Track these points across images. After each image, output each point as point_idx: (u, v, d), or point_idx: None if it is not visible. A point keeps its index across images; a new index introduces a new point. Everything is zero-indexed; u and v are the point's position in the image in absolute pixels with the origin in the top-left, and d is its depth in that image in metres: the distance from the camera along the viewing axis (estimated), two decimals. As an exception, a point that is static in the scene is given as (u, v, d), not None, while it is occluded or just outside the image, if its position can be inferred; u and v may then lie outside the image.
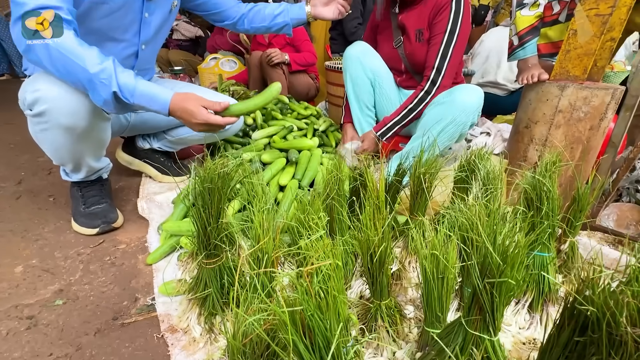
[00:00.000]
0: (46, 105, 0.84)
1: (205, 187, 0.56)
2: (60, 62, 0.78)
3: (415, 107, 1.26)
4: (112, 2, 0.92)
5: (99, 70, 0.79)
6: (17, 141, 1.93)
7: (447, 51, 1.18)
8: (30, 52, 0.78)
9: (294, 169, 1.08)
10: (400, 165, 0.88)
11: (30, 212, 1.21)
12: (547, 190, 0.69)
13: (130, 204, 1.29)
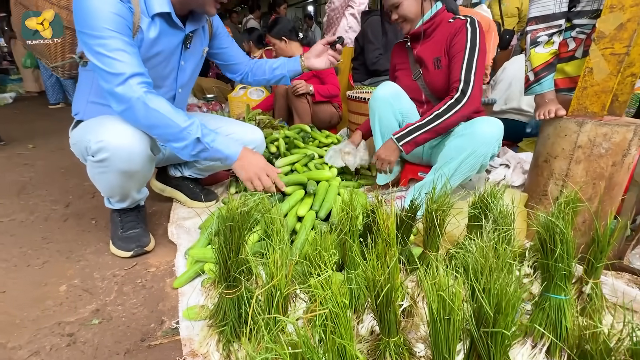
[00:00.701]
0: (108, 153, 0.96)
1: (227, 225, 0.63)
2: (154, 119, 0.94)
3: (442, 114, 1.21)
4: (157, 57, 1.06)
5: (189, 124, 0.97)
6: (67, 166, 2.15)
7: (472, 63, 1.19)
8: (128, 112, 0.94)
9: (312, 200, 1.13)
10: (413, 200, 0.91)
11: (75, 234, 1.34)
12: (560, 232, 0.69)
13: (162, 228, 1.39)
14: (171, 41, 1.08)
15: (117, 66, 0.90)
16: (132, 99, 0.91)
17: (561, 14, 1.05)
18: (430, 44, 1.35)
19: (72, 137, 1.15)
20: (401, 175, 1.74)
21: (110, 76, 0.90)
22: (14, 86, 5.79)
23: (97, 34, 0.89)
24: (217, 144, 1.02)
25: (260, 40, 3.69)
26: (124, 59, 0.91)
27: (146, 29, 0.99)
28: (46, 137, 2.91)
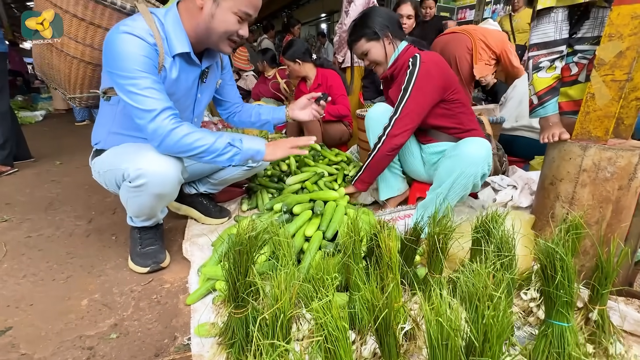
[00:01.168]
0: (146, 179, 1.04)
1: (236, 249, 0.67)
2: (185, 146, 1.04)
3: (371, 152, 1.40)
4: (178, 92, 1.16)
5: (216, 138, 1.07)
6: (90, 182, 2.26)
7: (399, 105, 1.34)
8: (163, 146, 1.04)
9: (320, 220, 1.17)
10: (416, 223, 0.93)
11: (97, 249, 1.42)
12: (560, 259, 0.70)
13: (177, 244, 1.45)
14: (189, 77, 1.17)
15: (148, 103, 0.99)
16: (163, 134, 1.01)
17: (562, 40, 1.07)
18: (397, 86, 1.46)
19: (95, 166, 1.23)
20: (409, 193, 1.76)
21: (143, 112, 1.00)
22: (45, 104, 6.17)
23: (128, 75, 0.98)
24: (246, 144, 1.13)
25: (274, 60, 3.83)
26: (154, 95, 1.00)
27: (169, 68, 1.08)
28: (72, 153, 3.09)
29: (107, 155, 1.19)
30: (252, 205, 1.79)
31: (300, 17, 12.30)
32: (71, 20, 1.10)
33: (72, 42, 1.13)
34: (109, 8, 1.11)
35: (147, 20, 1.02)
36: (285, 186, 1.85)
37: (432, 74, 1.29)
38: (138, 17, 1.03)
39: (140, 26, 1.00)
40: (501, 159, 1.55)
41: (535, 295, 0.93)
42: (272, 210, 1.27)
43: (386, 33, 1.38)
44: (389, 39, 1.39)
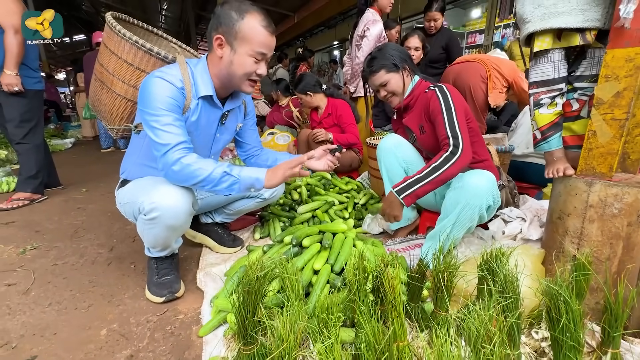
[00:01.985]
0: (159, 212, 1.11)
1: (245, 289, 0.71)
2: (187, 175, 1.11)
3: (439, 166, 1.24)
4: (198, 130, 1.26)
5: (215, 167, 1.12)
6: (113, 210, 2.38)
7: (453, 120, 1.29)
8: (168, 175, 1.13)
9: (328, 253, 1.20)
10: (421, 261, 0.95)
11: (116, 278, 1.49)
12: (565, 301, 0.70)
13: (191, 274, 1.50)
14: (210, 117, 1.28)
15: (165, 137, 1.10)
16: (169, 163, 1.11)
17: (561, 78, 1.10)
18: (414, 114, 1.51)
19: (119, 197, 1.33)
20: (419, 222, 1.77)
21: (159, 145, 1.11)
22: (74, 132, 6.58)
23: (153, 112, 1.10)
24: (245, 173, 1.15)
25: (287, 89, 4.00)
26: (172, 131, 1.11)
27: (193, 108, 1.21)
28: (98, 180, 3.27)
29: (129, 188, 1.28)
30: (265, 233, 1.84)
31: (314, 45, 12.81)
32: (122, 64, 1.28)
33: (119, 82, 1.30)
34: (154, 57, 1.27)
35: (180, 68, 1.17)
36: (297, 215, 1.90)
37: (460, 100, 1.35)
38: (174, 66, 1.18)
39: (172, 73, 1.14)
40: (512, 191, 1.55)
41: (546, 334, 0.91)
42: (282, 242, 1.31)
43: (404, 65, 1.45)
44: (407, 71, 1.46)
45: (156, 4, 13.91)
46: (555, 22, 1.02)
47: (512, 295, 0.77)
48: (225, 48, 1.12)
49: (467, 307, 0.85)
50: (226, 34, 1.10)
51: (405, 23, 8.14)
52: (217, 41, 1.12)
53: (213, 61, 1.18)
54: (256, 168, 1.18)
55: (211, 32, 1.13)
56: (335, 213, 1.91)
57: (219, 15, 1.10)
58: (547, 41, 1.06)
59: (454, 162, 1.24)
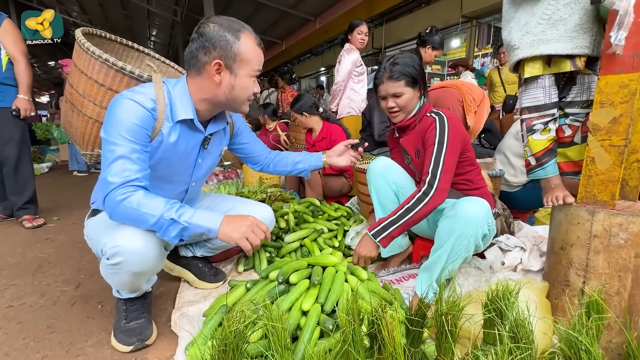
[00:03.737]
0: (123, 257, 0.98)
1: (220, 348, 0.60)
2: (133, 217, 0.96)
3: (412, 207, 1.22)
4: (175, 156, 1.14)
5: (164, 211, 0.95)
6: (84, 240, 2.20)
7: (439, 158, 1.25)
8: (113, 216, 1.00)
9: (318, 290, 1.09)
10: (421, 301, 0.86)
11: (80, 321, 1.32)
12: (586, 350, 0.62)
13: (166, 314, 1.35)
14: (190, 142, 1.16)
15: (114, 172, 0.95)
16: (112, 204, 0.96)
17: (552, 104, 1.09)
18: (412, 136, 1.46)
19: (87, 228, 1.21)
20: (413, 252, 1.69)
21: (106, 182, 0.96)
22: (52, 156, 6.33)
23: (112, 140, 0.96)
24: (196, 220, 0.98)
25: (275, 113, 3.98)
26: (125, 166, 0.96)
27: (167, 133, 1.08)
28: (71, 207, 3.07)
29: (96, 222, 1.16)
30: (249, 265, 1.72)
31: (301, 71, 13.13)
32: (92, 85, 1.17)
33: (90, 104, 1.19)
34: (127, 76, 1.16)
35: (155, 87, 1.05)
36: (284, 244, 1.79)
37: (459, 130, 1.31)
38: (148, 85, 1.07)
39: (145, 92, 1.02)
40: (507, 219, 1.51)
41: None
42: (268, 278, 1.20)
43: (421, 85, 1.40)
44: (420, 92, 1.42)
45: (145, 31, 14.10)
46: (545, 49, 1.01)
47: (525, 342, 0.68)
48: (225, 73, 1.02)
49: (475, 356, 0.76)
50: (224, 58, 0.99)
51: (389, 51, 8.47)
52: (214, 67, 1.00)
53: (203, 86, 1.05)
54: (212, 214, 1.01)
55: (199, 55, 1.00)
56: (325, 242, 1.82)
57: (211, 38, 0.98)
58: (537, 67, 1.05)
59: (425, 204, 1.22)
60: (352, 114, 3.14)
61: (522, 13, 1.07)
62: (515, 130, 1.99)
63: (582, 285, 0.97)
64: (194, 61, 1.02)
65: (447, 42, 8.54)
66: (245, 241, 1.00)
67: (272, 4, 9.57)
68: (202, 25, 1.00)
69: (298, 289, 1.08)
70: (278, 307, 0.90)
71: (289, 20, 11.03)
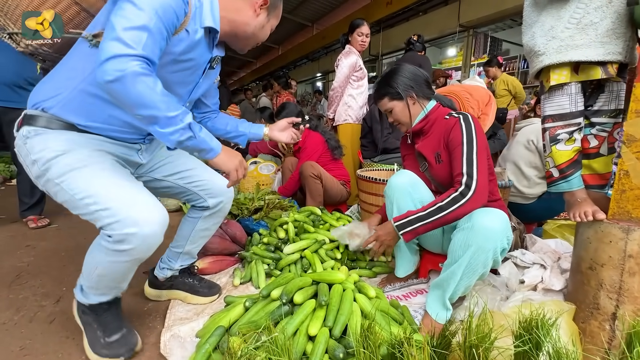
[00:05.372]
0: (138, 242, 0.88)
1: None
2: (145, 98, 0.80)
3: (445, 207, 1.14)
4: (189, 62, 1.00)
5: (181, 111, 0.86)
6: (68, 248, 2.07)
7: (471, 157, 1.16)
8: (118, 83, 0.77)
9: (325, 312, 0.99)
10: (446, 328, 0.77)
11: (57, 342, 1.19)
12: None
13: (154, 334, 1.23)
14: (203, 55, 1.04)
15: (135, 40, 0.77)
16: (126, 70, 0.76)
17: (578, 112, 1.03)
18: (429, 140, 1.38)
19: (29, 145, 0.92)
20: (420, 265, 1.60)
21: (119, 44, 0.76)
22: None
23: (139, 4, 0.78)
24: (204, 134, 0.94)
25: (272, 118, 3.89)
26: (145, 40, 0.79)
27: (192, 32, 0.94)
28: (58, 212, 2.91)
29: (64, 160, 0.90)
30: (246, 278, 1.61)
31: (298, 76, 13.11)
32: None
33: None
34: None
35: None
36: (283, 255, 1.69)
37: (483, 135, 1.24)
38: None
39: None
40: (522, 234, 1.43)
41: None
42: (269, 296, 1.09)
43: (410, 93, 1.34)
44: (414, 99, 1.35)
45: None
46: (574, 55, 0.94)
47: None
48: (264, 12, 1.06)
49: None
50: (271, 3, 1.06)
51: (386, 59, 8.50)
52: (262, 1, 1.03)
53: (239, 9, 1.03)
54: (213, 137, 0.99)
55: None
56: (327, 253, 1.72)
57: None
58: (564, 74, 0.99)
59: (462, 205, 1.12)
60: (348, 121, 2.98)
61: (547, 17, 1.01)
62: (524, 139, 1.93)
63: (614, 309, 0.90)
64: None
65: (444, 51, 8.61)
66: (236, 173, 1.04)
67: (269, 9, 9.55)
68: None
69: (303, 311, 0.98)
70: (283, 332, 0.80)
71: (286, 25, 11.00)
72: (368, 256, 1.57)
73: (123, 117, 0.98)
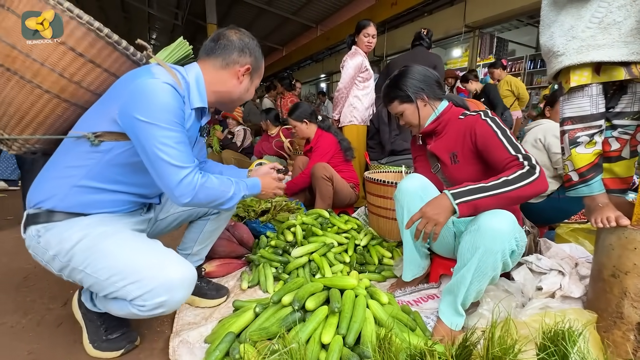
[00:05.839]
0: (170, 306, 0.93)
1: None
2: (213, 197, 1.03)
3: (513, 181, 1.00)
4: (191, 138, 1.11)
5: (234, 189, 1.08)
6: (75, 250, 2.06)
7: (513, 142, 1.10)
8: (195, 200, 0.97)
9: (337, 319, 0.97)
10: (466, 337, 0.74)
11: (65, 346, 1.18)
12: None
13: (163, 339, 1.22)
14: (194, 129, 1.11)
15: (182, 158, 0.94)
16: (196, 187, 0.96)
17: (599, 114, 1.00)
18: (444, 140, 1.34)
19: (43, 241, 0.94)
20: (431, 270, 1.57)
21: (176, 168, 0.92)
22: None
23: (167, 126, 0.91)
24: (249, 191, 1.17)
25: (277, 119, 3.88)
26: (186, 150, 0.96)
27: (186, 118, 1.03)
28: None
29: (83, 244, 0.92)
30: (254, 281, 1.59)
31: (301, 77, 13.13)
32: (65, 53, 0.93)
33: (53, 74, 0.93)
34: (118, 52, 1.00)
35: (170, 73, 0.96)
36: (291, 259, 1.67)
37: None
38: (159, 68, 0.95)
39: (169, 78, 0.94)
40: (535, 237, 1.40)
41: None
42: (279, 302, 1.07)
43: (420, 95, 1.31)
44: (424, 101, 1.32)
45: (145, 34, 14.05)
46: (597, 56, 0.91)
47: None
48: (246, 77, 1.12)
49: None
50: (253, 67, 1.12)
51: (391, 59, 8.47)
52: (244, 68, 1.09)
53: (223, 80, 1.09)
54: (253, 181, 1.20)
55: (234, 54, 1.07)
56: (335, 257, 1.69)
57: (249, 46, 1.09)
58: (585, 75, 0.96)
59: (530, 182, 0.99)
60: (354, 122, 2.93)
61: (566, 16, 0.98)
62: (532, 138, 1.90)
63: (639, 319, 0.86)
64: (225, 54, 1.06)
65: (449, 52, 8.57)
66: (274, 195, 1.30)
67: (273, 10, 9.55)
68: (244, 33, 1.10)
69: (316, 318, 0.96)
70: (297, 341, 0.77)
71: (290, 27, 11.01)
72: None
73: (126, 198, 1.04)
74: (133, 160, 0.97)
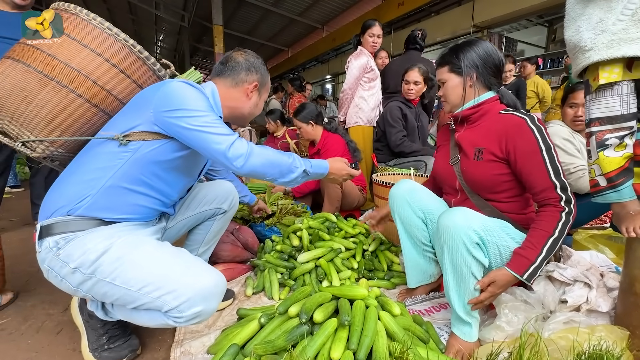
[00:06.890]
0: (205, 315, 0.91)
1: None
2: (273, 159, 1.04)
3: (560, 236, 1.02)
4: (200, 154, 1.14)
5: (292, 159, 1.09)
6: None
7: (556, 165, 1.05)
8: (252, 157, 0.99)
9: (347, 333, 0.91)
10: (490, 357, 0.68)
11: (64, 354, 1.14)
12: None
13: (164, 348, 1.17)
14: None
15: (227, 130, 0.98)
16: (248, 147, 0.99)
17: (631, 115, 0.92)
18: (474, 132, 1.24)
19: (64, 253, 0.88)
20: (441, 280, 1.50)
21: (224, 136, 0.96)
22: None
23: (199, 113, 0.95)
24: (315, 169, 1.16)
25: (283, 119, 3.83)
26: (227, 127, 1.00)
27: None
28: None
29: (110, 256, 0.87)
30: (259, 288, 1.53)
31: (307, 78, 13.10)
32: (101, 64, 1.02)
33: (88, 81, 1.01)
34: (146, 66, 1.11)
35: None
36: (297, 264, 1.61)
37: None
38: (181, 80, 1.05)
39: (194, 84, 1.04)
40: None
41: None
42: (286, 313, 1.02)
43: (471, 73, 1.20)
44: (472, 81, 1.20)
45: (152, 36, 14.16)
46: (629, 50, 0.84)
47: None
48: (255, 93, 1.20)
49: None
50: (260, 83, 1.20)
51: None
52: (253, 85, 1.17)
53: (233, 96, 1.17)
54: (320, 162, 1.20)
55: (242, 73, 1.15)
56: (342, 263, 1.63)
57: (256, 65, 1.17)
58: (616, 72, 0.89)
59: (570, 224, 1.04)
60: (359, 123, 2.89)
61: (595, 9, 0.91)
62: None
63: (677, 338, 0.79)
64: (234, 75, 1.15)
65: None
66: (344, 179, 1.29)
67: (279, 11, 9.53)
68: (249, 54, 1.19)
69: (325, 331, 0.90)
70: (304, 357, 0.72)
71: (296, 28, 10.98)
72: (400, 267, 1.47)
73: (147, 204, 1.03)
74: (159, 159, 0.99)
